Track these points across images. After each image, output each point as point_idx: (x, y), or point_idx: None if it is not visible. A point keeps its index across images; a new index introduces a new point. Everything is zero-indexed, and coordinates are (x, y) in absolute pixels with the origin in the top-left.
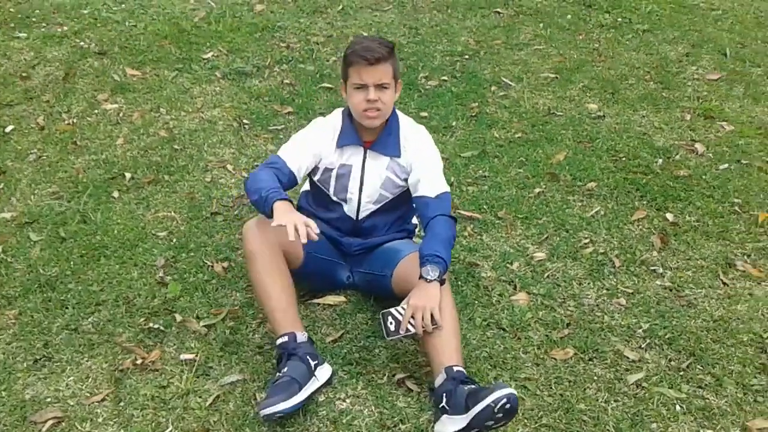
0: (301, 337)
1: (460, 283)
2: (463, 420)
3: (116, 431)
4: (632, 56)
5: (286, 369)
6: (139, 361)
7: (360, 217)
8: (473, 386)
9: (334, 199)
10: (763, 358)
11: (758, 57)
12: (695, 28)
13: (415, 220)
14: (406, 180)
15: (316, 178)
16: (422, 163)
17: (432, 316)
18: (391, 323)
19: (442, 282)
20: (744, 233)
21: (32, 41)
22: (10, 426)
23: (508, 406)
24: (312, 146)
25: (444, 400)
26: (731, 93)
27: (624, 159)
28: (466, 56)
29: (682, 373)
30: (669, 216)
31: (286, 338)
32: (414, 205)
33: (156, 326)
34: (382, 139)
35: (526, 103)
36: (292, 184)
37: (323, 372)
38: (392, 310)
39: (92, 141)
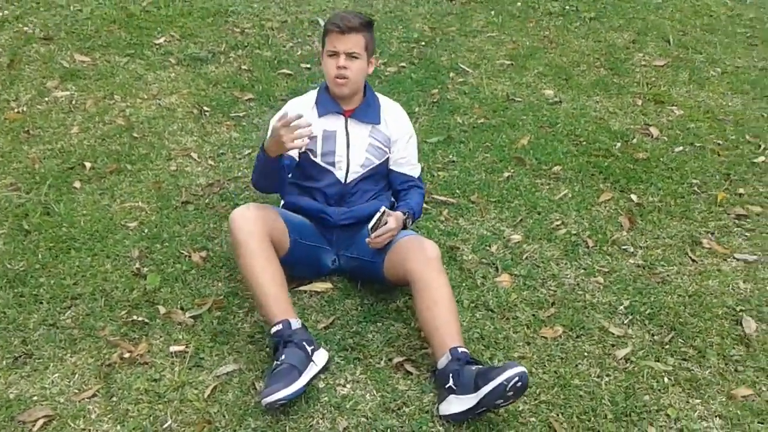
0: (296, 323)
1: (443, 266)
2: (472, 399)
3: (112, 427)
4: (581, 43)
5: (283, 356)
6: (126, 355)
7: (348, 180)
8: (480, 366)
9: (323, 164)
10: (738, 330)
11: (699, 44)
12: (639, 16)
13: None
14: (389, 149)
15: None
16: (405, 143)
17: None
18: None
19: (404, 226)
20: (705, 212)
21: None
22: None
23: (519, 384)
24: None
25: (451, 380)
26: (677, 79)
27: (584, 143)
28: (422, 43)
29: (666, 346)
30: (633, 197)
31: (280, 326)
32: (392, 176)
33: (139, 319)
34: (362, 109)
35: (485, 89)
36: (292, 165)
37: (320, 357)
38: (382, 219)
39: (45, 130)
